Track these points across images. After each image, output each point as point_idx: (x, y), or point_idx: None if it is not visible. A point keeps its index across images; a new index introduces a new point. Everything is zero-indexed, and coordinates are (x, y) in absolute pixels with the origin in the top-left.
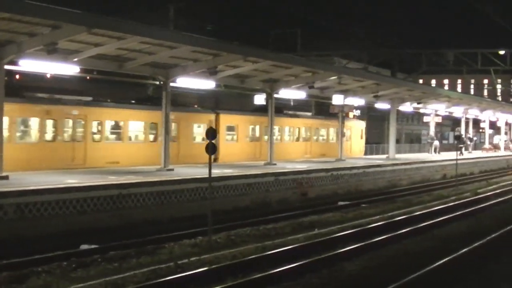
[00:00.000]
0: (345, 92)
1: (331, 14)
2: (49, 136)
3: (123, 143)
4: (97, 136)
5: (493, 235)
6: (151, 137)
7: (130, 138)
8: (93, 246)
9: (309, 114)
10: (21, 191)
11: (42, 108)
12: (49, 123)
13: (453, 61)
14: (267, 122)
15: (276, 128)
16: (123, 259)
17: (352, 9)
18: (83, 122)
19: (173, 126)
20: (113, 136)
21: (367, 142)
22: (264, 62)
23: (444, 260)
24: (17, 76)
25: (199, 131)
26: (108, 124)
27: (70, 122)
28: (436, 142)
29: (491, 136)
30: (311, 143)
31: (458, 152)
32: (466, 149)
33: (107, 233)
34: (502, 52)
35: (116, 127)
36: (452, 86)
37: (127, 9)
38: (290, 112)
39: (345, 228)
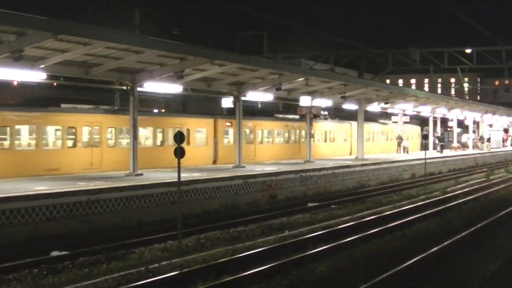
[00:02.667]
0: (313, 94)
1: (297, 16)
2: None
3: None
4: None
5: (462, 234)
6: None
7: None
8: (63, 253)
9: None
10: None
11: None
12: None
13: (420, 61)
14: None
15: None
16: (93, 265)
17: (318, 11)
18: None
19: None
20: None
21: None
22: (231, 65)
23: (414, 259)
24: None
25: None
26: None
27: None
28: (405, 142)
29: (459, 135)
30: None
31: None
32: (435, 148)
33: (77, 239)
34: (468, 51)
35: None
36: (419, 86)
37: (92, 14)
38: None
39: (315, 230)
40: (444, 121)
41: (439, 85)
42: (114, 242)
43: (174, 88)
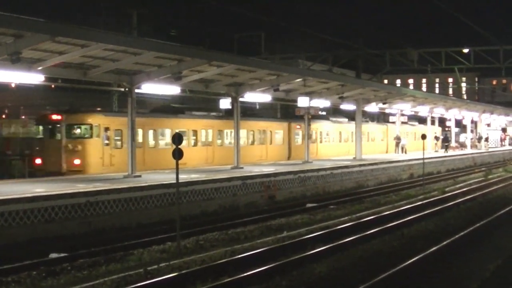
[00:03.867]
0: (311, 94)
1: (294, 17)
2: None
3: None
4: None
5: (460, 234)
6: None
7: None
8: (62, 255)
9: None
10: None
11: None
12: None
13: (418, 61)
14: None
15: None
16: (92, 267)
17: (316, 11)
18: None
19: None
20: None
21: None
22: (229, 66)
23: (413, 259)
24: None
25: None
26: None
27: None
28: (403, 141)
29: (457, 135)
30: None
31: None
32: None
33: (76, 241)
34: (466, 51)
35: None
36: (417, 86)
37: (90, 16)
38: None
39: (314, 230)
40: (442, 121)
41: (437, 85)
42: (113, 243)
43: (172, 90)
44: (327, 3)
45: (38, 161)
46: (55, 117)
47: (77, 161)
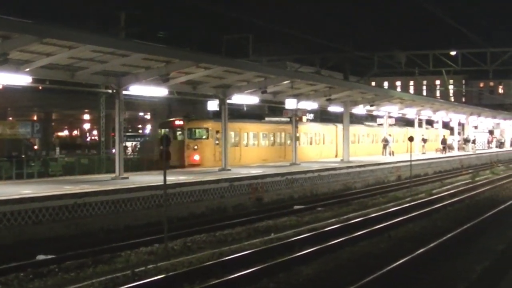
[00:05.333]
0: (298, 96)
1: (282, 19)
2: None
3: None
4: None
5: (448, 235)
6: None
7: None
8: (49, 256)
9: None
10: None
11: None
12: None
13: (405, 63)
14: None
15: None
16: (80, 269)
17: (304, 14)
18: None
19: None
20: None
21: None
22: (216, 68)
23: (401, 261)
24: None
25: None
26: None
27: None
28: (390, 144)
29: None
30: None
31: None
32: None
33: (64, 243)
34: (453, 53)
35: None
36: (405, 88)
37: (78, 18)
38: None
39: (301, 232)
40: (430, 123)
41: (424, 87)
42: (100, 245)
43: (159, 92)
44: (315, 6)
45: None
46: (178, 122)
47: (196, 157)
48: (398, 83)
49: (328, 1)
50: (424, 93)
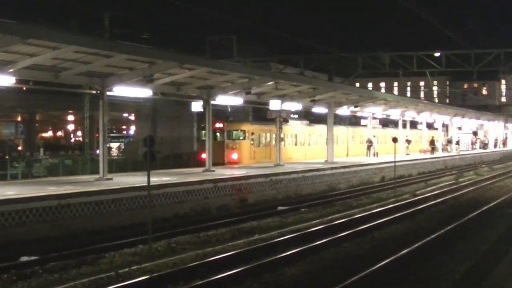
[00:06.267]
0: (282, 97)
1: (266, 20)
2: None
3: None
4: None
5: (432, 236)
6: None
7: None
8: (33, 258)
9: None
10: None
11: None
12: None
13: (389, 64)
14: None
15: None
16: (63, 270)
17: (289, 15)
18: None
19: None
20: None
21: None
22: (201, 69)
23: (384, 262)
24: None
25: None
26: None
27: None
28: (375, 145)
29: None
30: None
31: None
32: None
33: (47, 244)
34: (437, 54)
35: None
36: (389, 89)
37: (62, 19)
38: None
39: (285, 233)
40: (414, 124)
41: (408, 89)
42: (84, 246)
43: (143, 93)
44: (299, 7)
45: (203, 156)
46: (218, 125)
47: (234, 156)
48: (383, 84)
49: (313, 2)
50: (408, 94)
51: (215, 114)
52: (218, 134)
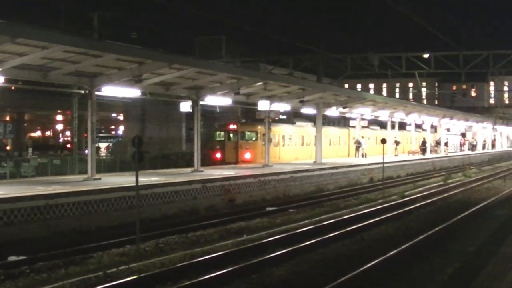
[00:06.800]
0: (271, 98)
1: (256, 20)
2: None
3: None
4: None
5: (420, 237)
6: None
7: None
8: (21, 258)
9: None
10: None
11: None
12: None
13: (378, 65)
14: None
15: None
16: (51, 270)
17: (278, 15)
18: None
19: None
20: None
21: None
22: (190, 69)
23: (373, 262)
24: None
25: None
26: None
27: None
28: (363, 146)
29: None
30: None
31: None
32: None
33: (36, 244)
34: (426, 56)
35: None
36: (378, 90)
37: (51, 18)
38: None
39: (273, 234)
40: (402, 125)
41: (397, 90)
42: (72, 246)
43: (132, 92)
44: (288, 7)
45: (218, 155)
46: (232, 126)
47: (247, 155)
48: (371, 85)
49: (302, 3)
50: (397, 95)
51: (202, 114)
52: (231, 135)
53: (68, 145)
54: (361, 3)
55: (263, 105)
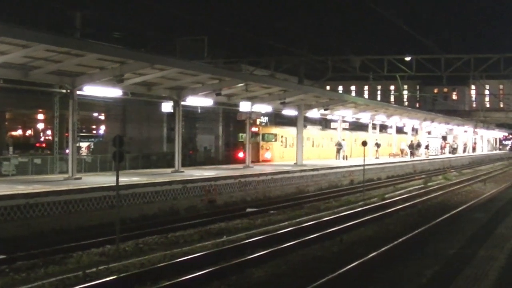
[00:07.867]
0: (253, 99)
1: (237, 21)
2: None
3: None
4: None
5: (399, 240)
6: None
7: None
8: (0, 257)
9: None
10: None
11: None
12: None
13: (360, 68)
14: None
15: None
16: (31, 269)
17: (259, 17)
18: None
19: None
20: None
21: None
22: (171, 70)
23: (352, 265)
24: None
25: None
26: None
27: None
28: (344, 148)
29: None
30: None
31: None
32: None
33: (15, 243)
34: (408, 59)
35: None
36: (359, 93)
37: (32, 17)
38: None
39: (253, 235)
40: (384, 128)
41: (379, 92)
42: (52, 246)
43: (114, 92)
44: (270, 8)
45: (240, 154)
46: (254, 129)
47: (267, 155)
48: (353, 87)
49: (283, 4)
50: (379, 98)
51: (184, 115)
52: (253, 136)
53: (43, 145)
54: (342, 5)
55: (244, 106)
